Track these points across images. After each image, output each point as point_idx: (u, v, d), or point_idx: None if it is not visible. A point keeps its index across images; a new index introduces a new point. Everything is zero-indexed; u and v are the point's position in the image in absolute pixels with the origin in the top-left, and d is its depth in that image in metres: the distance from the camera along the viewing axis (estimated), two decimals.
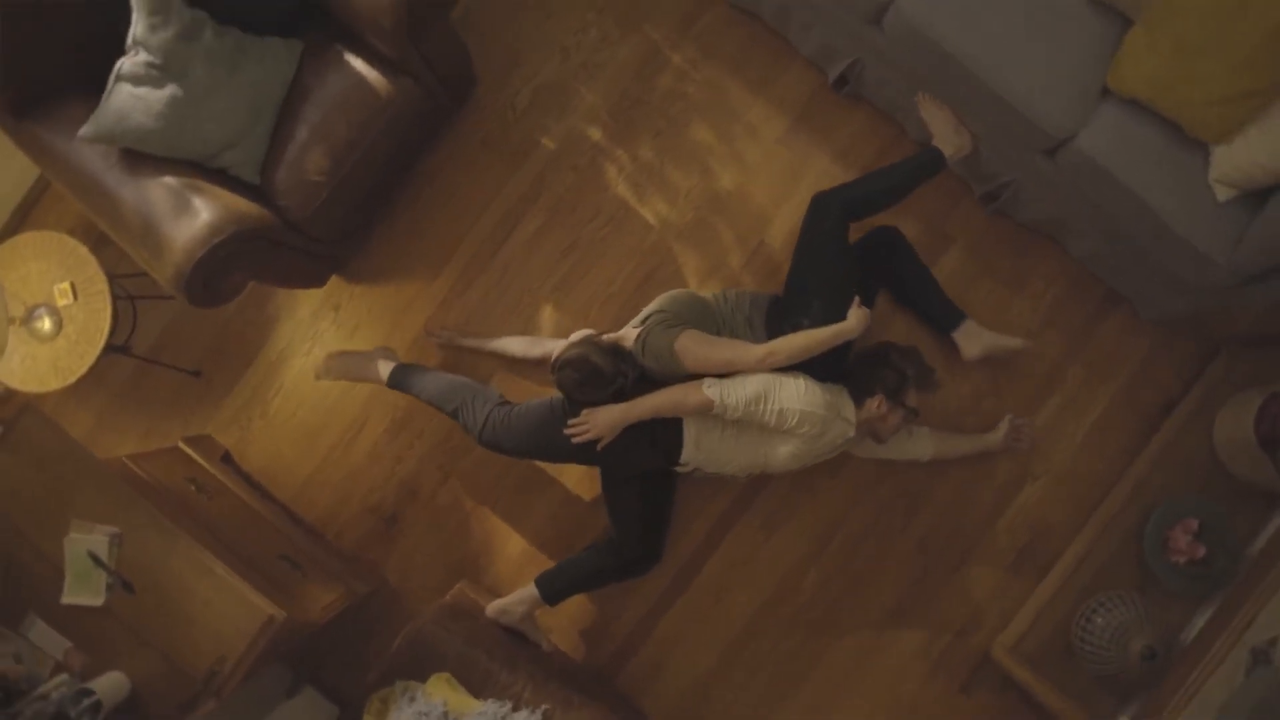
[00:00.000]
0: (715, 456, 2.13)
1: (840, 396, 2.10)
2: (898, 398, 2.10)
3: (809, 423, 2.01)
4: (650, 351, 2.10)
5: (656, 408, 2.05)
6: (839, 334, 2.06)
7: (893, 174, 2.23)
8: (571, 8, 2.58)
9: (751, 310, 2.23)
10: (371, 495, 2.58)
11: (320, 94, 2.20)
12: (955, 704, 2.46)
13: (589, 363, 2.04)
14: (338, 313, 2.60)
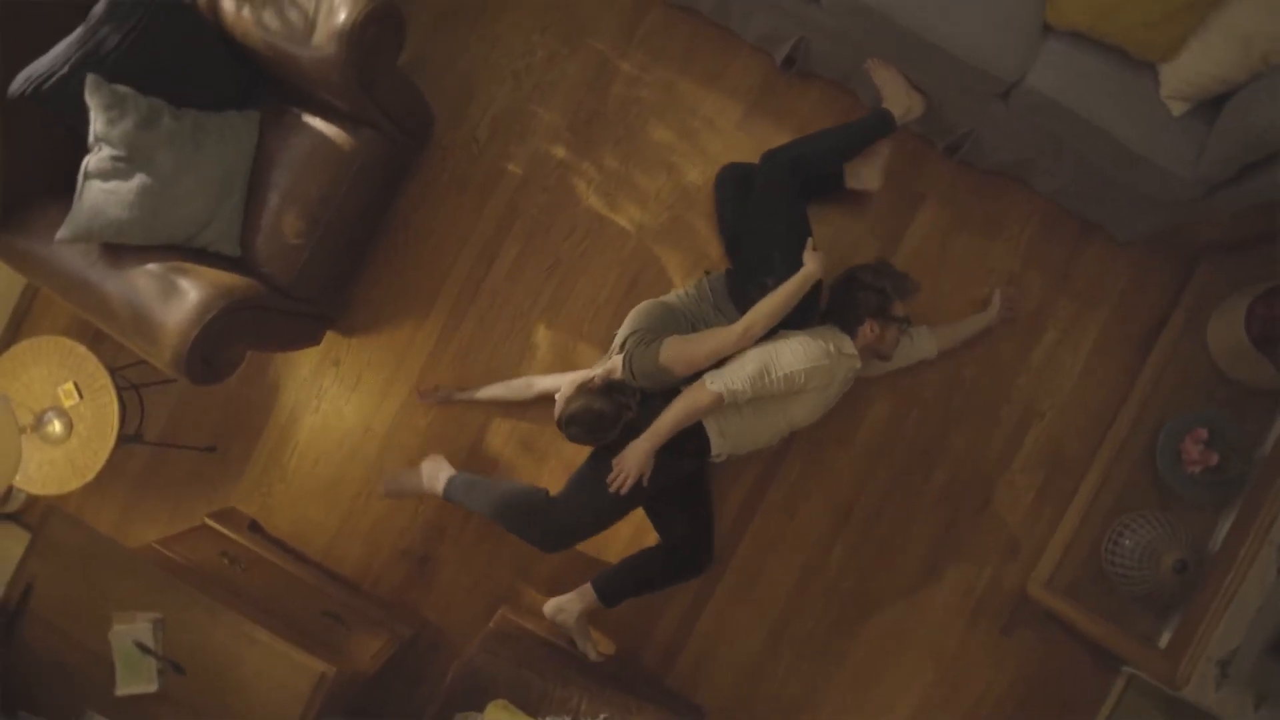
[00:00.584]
0: (743, 439, 2.16)
1: (834, 336, 2.13)
2: (886, 315, 2.14)
3: (817, 376, 2.04)
4: (640, 373, 2.12)
5: (675, 423, 2.06)
6: (804, 280, 2.09)
7: (842, 133, 2.27)
8: (516, 33, 2.62)
9: (714, 294, 2.25)
10: (401, 539, 2.61)
11: (285, 158, 2.23)
12: (999, 647, 2.50)
13: (590, 411, 2.07)
14: (338, 367, 2.64)
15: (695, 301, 2.24)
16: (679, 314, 2.22)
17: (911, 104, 2.25)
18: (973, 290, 2.52)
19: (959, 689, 2.50)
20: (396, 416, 2.62)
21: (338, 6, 2.00)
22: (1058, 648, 2.48)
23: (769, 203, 2.22)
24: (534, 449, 2.59)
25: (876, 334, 2.13)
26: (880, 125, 2.24)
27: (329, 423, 2.63)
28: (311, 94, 2.20)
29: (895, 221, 2.53)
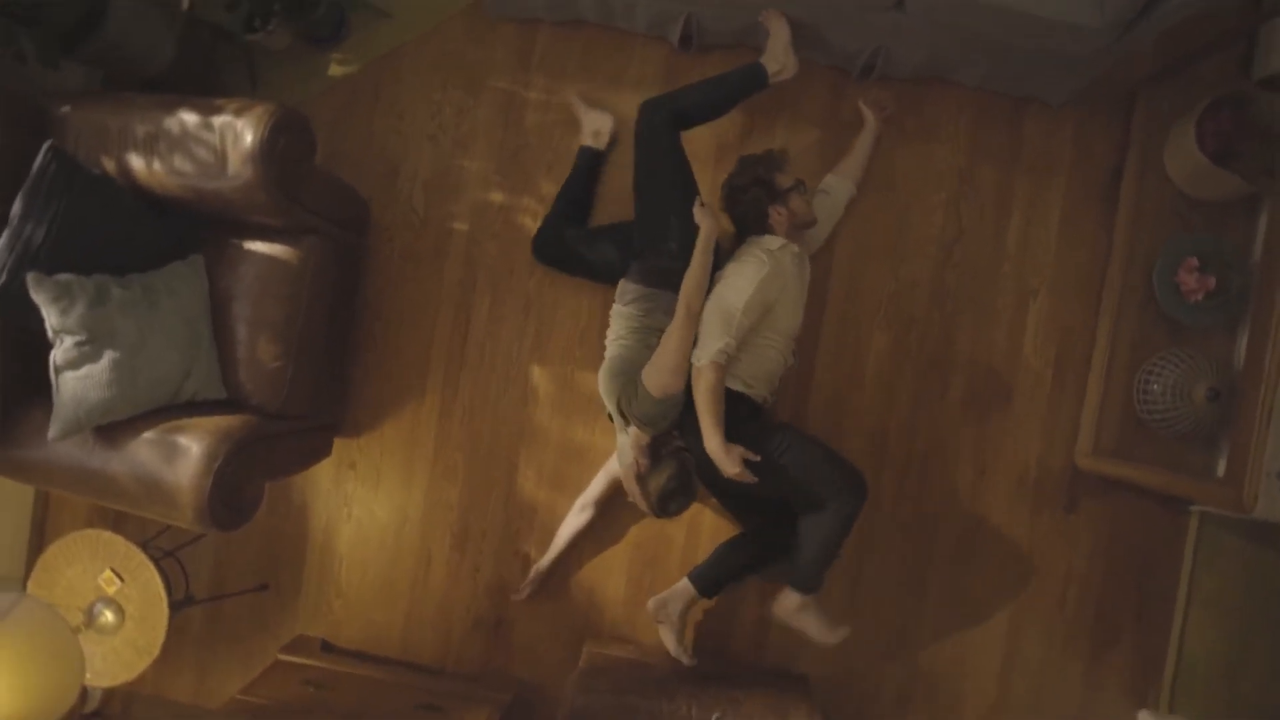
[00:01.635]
0: (761, 373, 2.18)
1: (757, 243, 2.16)
2: (778, 193, 2.17)
3: (771, 286, 2.08)
4: (650, 420, 2.09)
5: (711, 413, 2.04)
6: (707, 240, 2.11)
7: (719, 86, 2.28)
8: (417, 100, 2.63)
9: (634, 300, 2.21)
10: (468, 611, 2.63)
11: (240, 290, 2.24)
12: (1068, 526, 2.51)
13: (668, 482, 2.07)
14: (356, 470, 2.65)
15: (630, 327, 2.21)
16: (629, 352, 2.19)
17: (786, 64, 2.28)
18: (929, 197, 2.53)
19: (1043, 576, 2.52)
20: (427, 498, 2.63)
21: (242, 130, 2.01)
22: (1123, 509, 2.49)
23: (657, 168, 2.22)
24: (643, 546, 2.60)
25: (785, 213, 2.17)
26: (754, 78, 2.27)
27: (365, 525, 2.64)
28: (244, 221, 2.21)
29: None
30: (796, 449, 2.11)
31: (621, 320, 2.24)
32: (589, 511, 2.49)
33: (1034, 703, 2.52)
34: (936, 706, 2.54)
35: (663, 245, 2.17)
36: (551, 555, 2.52)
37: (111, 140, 2.09)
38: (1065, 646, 2.51)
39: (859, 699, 2.55)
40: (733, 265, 2.15)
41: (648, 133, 2.22)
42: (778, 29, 2.27)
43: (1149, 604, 2.49)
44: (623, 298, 2.25)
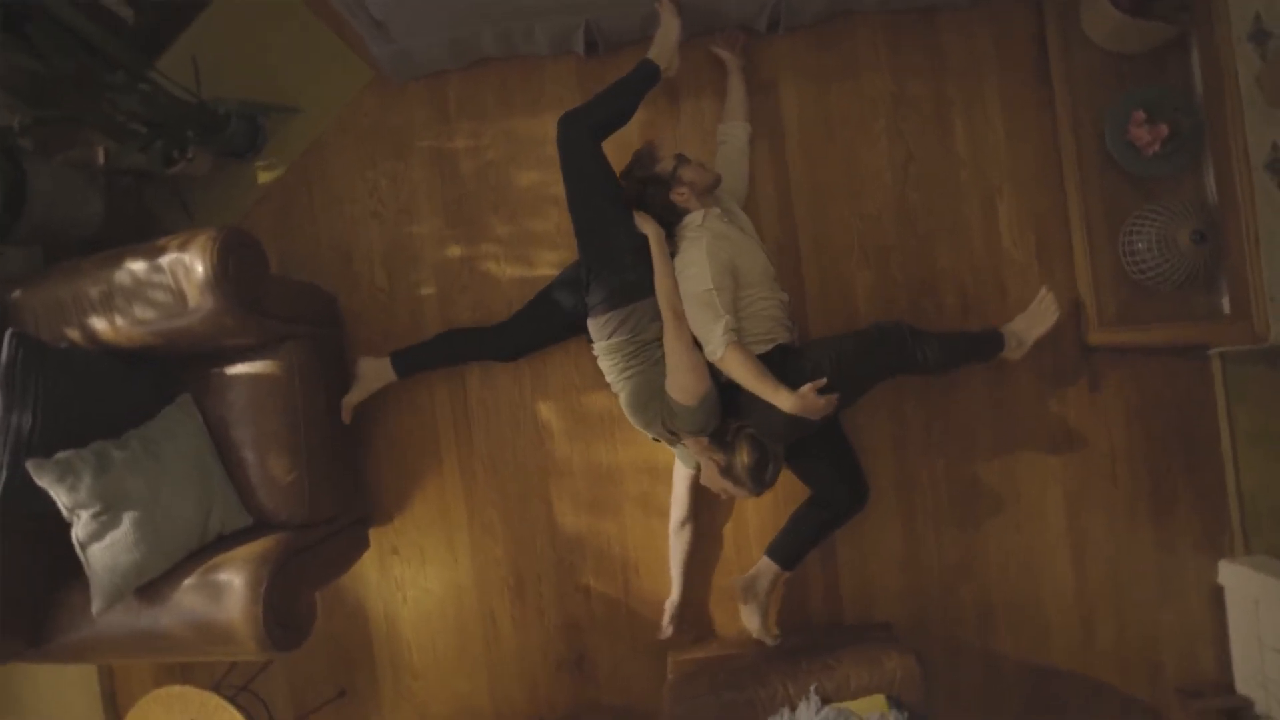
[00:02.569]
0: (770, 321, 2.20)
1: (684, 230, 2.19)
2: (671, 180, 2.18)
3: (719, 255, 2.10)
4: (700, 427, 2.09)
5: (765, 383, 2.04)
6: (660, 244, 2.15)
7: (622, 90, 2.27)
8: (351, 182, 2.63)
9: (615, 328, 2.19)
10: (547, 656, 2.62)
11: (235, 415, 2.24)
12: (1097, 403, 2.51)
13: (747, 461, 2.04)
14: (399, 553, 2.65)
15: (631, 356, 2.19)
16: (645, 380, 2.17)
17: (672, 61, 2.30)
18: (870, 129, 2.53)
19: (1087, 458, 2.52)
20: (474, 560, 2.63)
21: (191, 263, 2.01)
22: (1146, 372, 2.49)
23: (584, 180, 2.20)
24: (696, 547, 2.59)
25: (685, 190, 2.18)
26: (649, 76, 2.27)
27: (423, 604, 2.64)
28: (220, 348, 2.21)
29: (766, 119, 2.54)
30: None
31: (615, 354, 2.21)
32: (687, 528, 2.47)
33: (1113, 583, 2.52)
34: (1020, 615, 2.54)
35: (618, 260, 2.16)
36: (677, 584, 2.51)
37: (69, 310, 2.09)
38: (1129, 520, 2.51)
39: (943, 630, 2.55)
40: (678, 260, 2.16)
41: (572, 146, 2.20)
42: (668, 24, 2.27)
43: (1196, 456, 2.49)
44: (601, 334, 2.21)
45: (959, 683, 2.54)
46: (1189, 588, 2.50)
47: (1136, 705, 2.52)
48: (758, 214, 2.53)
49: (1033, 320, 2.35)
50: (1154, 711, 2.52)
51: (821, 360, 2.11)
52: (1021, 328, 2.34)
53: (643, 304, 2.16)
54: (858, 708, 2.14)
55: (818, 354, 2.14)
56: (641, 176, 2.20)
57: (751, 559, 2.51)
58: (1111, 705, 2.52)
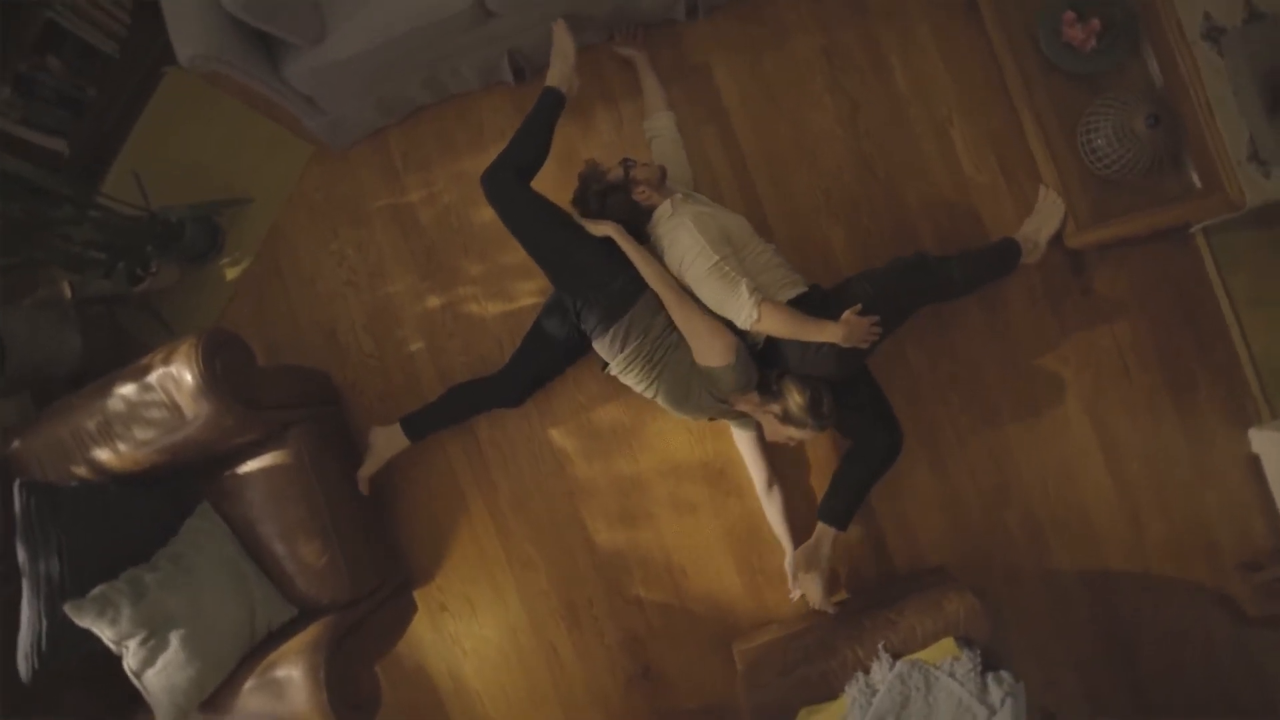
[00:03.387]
0: (780, 269, 2.21)
1: (659, 226, 2.17)
2: (627, 185, 2.17)
3: (707, 229, 2.07)
4: (744, 383, 2.10)
5: (806, 325, 2.04)
6: (624, 238, 2.15)
7: (531, 130, 2.24)
8: (318, 258, 2.64)
9: (624, 337, 2.19)
10: (615, 675, 2.62)
11: (256, 511, 2.24)
12: (1094, 305, 2.50)
13: (803, 402, 2.09)
14: (448, 609, 2.65)
15: (654, 357, 2.19)
16: (678, 372, 2.18)
17: (573, 81, 2.28)
18: (810, 89, 2.53)
19: (1098, 362, 2.51)
20: (522, 598, 2.63)
21: (179, 373, 2.02)
22: (1134, 263, 2.49)
23: (527, 223, 2.20)
24: (734, 531, 2.61)
25: (643, 188, 2.18)
26: (554, 105, 2.25)
27: (483, 653, 2.64)
28: (225, 450, 2.21)
29: (707, 103, 2.54)
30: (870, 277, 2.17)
31: (635, 362, 2.19)
32: (774, 488, 2.45)
33: (1151, 476, 2.51)
34: (1068, 529, 2.54)
35: (595, 276, 2.16)
36: (787, 543, 2.47)
37: (71, 448, 2.10)
38: (1152, 411, 2.51)
39: (996, 560, 2.55)
40: (670, 255, 2.14)
41: (504, 200, 2.19)
42: (563, 45, 2.25)
43: (1202, 333, 2.49)
44: (613, 351, 2.20)
45: (1023, 608, 2.54)
46: (1225, 463, 2.50)
47: (1201, 590, 2.52)
48: (719, 196, 2.53)
49: (1041, 220, 2.37)
50: (1218, 592, 2.52)
51: (859, 292, 2.12)
52: (1032, 230, 2.37)
53: (638, 306, 2.16)
54: (928, 656, 2.14)
55: (855, 287, 2.15)
56: (599, 190, 2.19)
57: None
58: (1178, 596, 2.52)
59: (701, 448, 2.57)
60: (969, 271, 2.26)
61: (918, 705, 2.11)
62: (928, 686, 2.11)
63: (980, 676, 2.14)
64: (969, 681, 2.12)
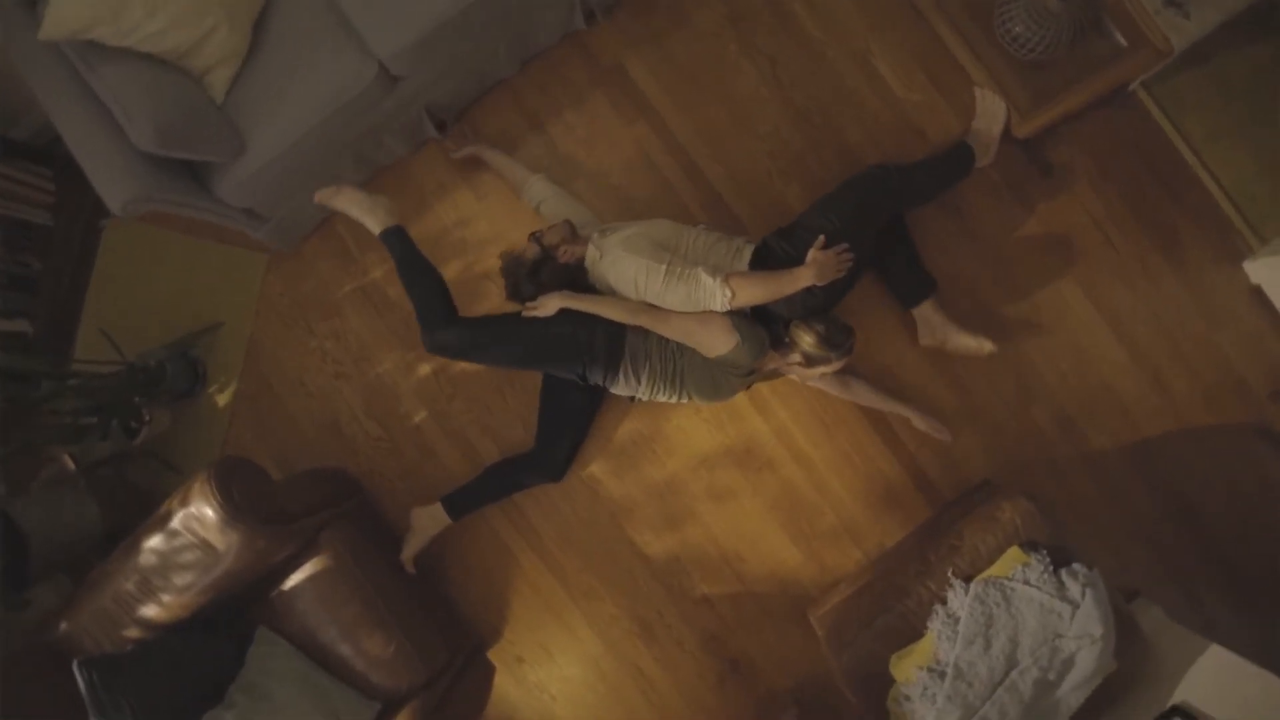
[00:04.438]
0: (724, 244, 2.20)
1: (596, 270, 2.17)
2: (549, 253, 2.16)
3: (639, 248, 2.08)
4: (756, 349, 2.13)
5: (779, 282, 2.06)
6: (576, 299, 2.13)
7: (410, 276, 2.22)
8: (302, 359, 2.65)
9: (635, 371, 2.23)
10: (705, 678, 2.62)
11: (313, 619, 2.24)
12: (1061, 186, 2.49)
13: (818, 337, 2.14)
14: (524, 660, 2.65)
15: (666, 376, 2.23)
16: (692, 371, 2.21)
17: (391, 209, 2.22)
18: (725, 58, 2.54)
19: (1079, 241, 2.50)
20: (594, 628, 2.64)
21: (200, 510, 2.02)
22: (1086, 136, 2.48)
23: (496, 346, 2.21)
24: (778, 504, 2.61)
25: (562, 248, 2.15)
26: (401, 241, 2.21)
27: (572, 694, 2.65)
28: (266, 570, 2.21)
29: (631, 101, 2.55)
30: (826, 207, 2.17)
31: (656, 384, 2.23)
32: (852, 383, 2.43)
33: (1162, 336, 2.51)
34: (1096, 409, 2.53)
35: (577, 345, 2.17)
36: (902, 408, 2.45)
37: (116, 614, 2.10)
38: (1145, 273, 2.50)
39: (1035, 458, 2.54)
40: (622, 286, 2.13)
41: (457, 349, 2.20)
42: (350, 202, 2.19)
43: (1172, 184, 2.48)
44: (631, 386, 2.24)
45: (1076, 498, 2.54)
46: (1230, 302, 2.49)
47: (1243, 431, 2.51)
48: (669, 191, 2.54)
49: (985, 120, 2.39)
50: (1260, 427, 2.51)
51: (813, 224, 2.13)
52: (981, 129, 2.38)
53: (628, 342, 2.18)
54: (998, 570, 2.14)
55: (808, 221, 2.16)
56: (527, 272, 2.17)
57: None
58: (1221, 442, 2.51)
59: (722, 433, 2.57)
60: (930, 178, 2.28)
61: (1002, 620, 2.11)
62: (1006, 600, 2.11)
63: (1054, 575, 2.14)
64: (1045, 584, 2.12)
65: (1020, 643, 2.11)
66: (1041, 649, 2.09)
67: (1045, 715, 2.12)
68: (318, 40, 2.11)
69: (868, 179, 2.21)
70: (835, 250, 2.08)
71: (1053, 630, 2.10)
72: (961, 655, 2.09)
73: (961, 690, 2.07)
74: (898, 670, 2.14)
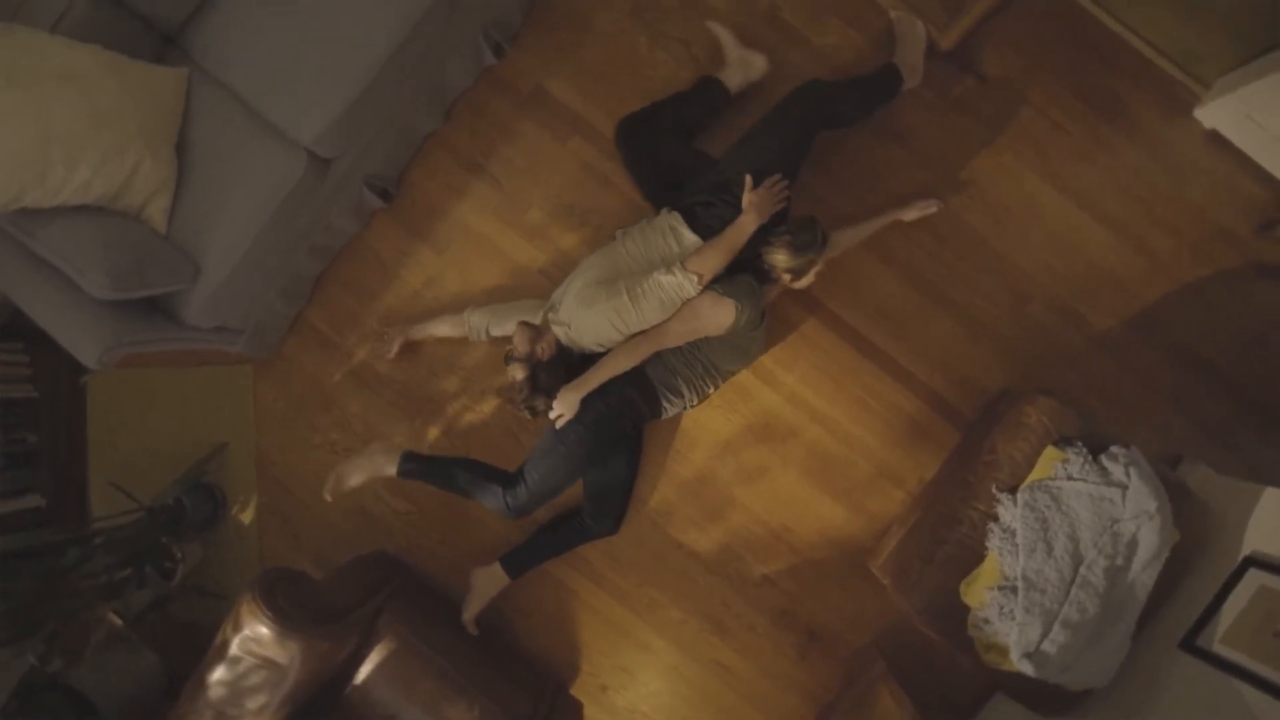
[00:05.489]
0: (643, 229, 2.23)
1: (566, 331, 2.16)
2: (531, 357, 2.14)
3: (590, 292, 2.10)
4: (749, 310, 2.12)
5: (720, 246, 2.08)
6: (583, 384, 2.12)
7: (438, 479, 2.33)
8: (312, 455, 2.65)
9: (674, 402, 2.28)
10: (785, 653, 2.62)
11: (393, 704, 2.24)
12: (997, 85, 2.49)
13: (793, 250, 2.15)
14: (608, 688, 2.66)
15: (700, 370, 2.26)
16: (722, 352, 2.24)
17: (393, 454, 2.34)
18: (638, 48, 2.54)
19: (1028, 133, 2.50)
20: (666, 637, 2.64)
21: (253, 630, 2.01)
22: (1008, 31, 2.48)
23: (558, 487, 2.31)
24: (809, 467, 2.61)
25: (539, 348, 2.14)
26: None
27: (662, 706, 2.66)
28: (333, 669, 2.21)
29: (561, 119, 2.55)
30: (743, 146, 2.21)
31: (700, 385, 2.27)
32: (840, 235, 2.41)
33: (1135, 203, 2.50)
34: (1090, 291, 2.53)
35: (627, 412, 2.19)
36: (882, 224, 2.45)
37: None
38: (1101, 147, 2.50)
39: (1047, 354, 2.55)
40: (605, 338, 2.13)
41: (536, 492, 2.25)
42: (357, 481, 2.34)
43: (1103, 54, 2.48)
44: (680, 405, 2.30)
45: (1095, 382, 2.54)
46: (1191, 153, 2.49)
47: (1239, 274, 2.50)
48: (619, 194, 2.54)
49: (906, 44, 2.39)
50: (1254, 266, 2.50)
51: (739, 165, 2.14)
52: (905, 52, 2.39)
53: (654, 376, 2.20)
54: (1040, 473, 2.14)
55: (732, 163, 2.17)
56: (529, 389, 2.14)
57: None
58: (1221, 291, 2.50)
59: (737, 414, 2.57)
60: (859, 97, 2.30)
61: (1057, 521, 2.11)
62: (1055, 501, 2.12)
63: (1095, 464, 2.14)
64: (1088, 474, 2.12)
65: (1080, 538, 2.11)
66: (1103, 538, 2.09)
67: (1123, 600, 2.12)
68: (241, 146, 2.11)
69: (805, 95, 2.21)
70: (766, 185, 2.11)
71: (1108, 517, 2.10)
72: (1027, 565, 2.09)
73: (1036, 599, 2.07)
74: (969, 597, 2.14)
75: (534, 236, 2.58)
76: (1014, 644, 2.07)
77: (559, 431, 2.17)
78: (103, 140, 1.92)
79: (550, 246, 2.57)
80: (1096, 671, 2.10)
